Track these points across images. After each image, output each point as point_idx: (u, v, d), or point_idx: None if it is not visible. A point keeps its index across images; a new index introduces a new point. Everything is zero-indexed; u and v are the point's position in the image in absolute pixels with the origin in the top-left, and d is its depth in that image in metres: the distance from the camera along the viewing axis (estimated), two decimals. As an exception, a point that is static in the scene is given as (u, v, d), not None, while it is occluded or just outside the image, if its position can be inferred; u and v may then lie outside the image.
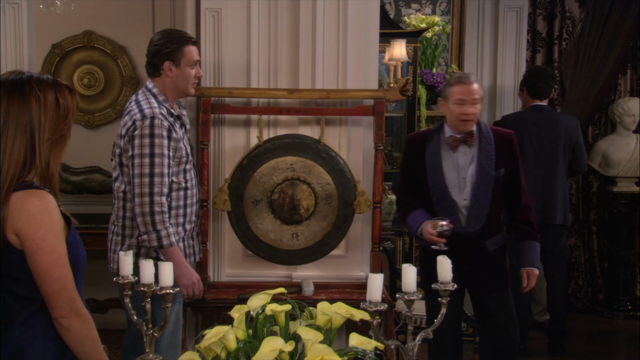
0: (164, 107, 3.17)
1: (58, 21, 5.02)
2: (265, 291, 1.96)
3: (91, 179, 5.28)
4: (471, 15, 6.05)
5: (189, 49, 3.22)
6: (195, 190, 3.34)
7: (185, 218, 3.26)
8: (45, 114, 2.00)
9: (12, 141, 1.97)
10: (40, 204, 1.96)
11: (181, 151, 3.20)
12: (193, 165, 3.33)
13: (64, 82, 2.11)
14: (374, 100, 3.74)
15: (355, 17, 3.81)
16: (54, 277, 1.95)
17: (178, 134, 3.18)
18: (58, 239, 1.97)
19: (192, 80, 3.27)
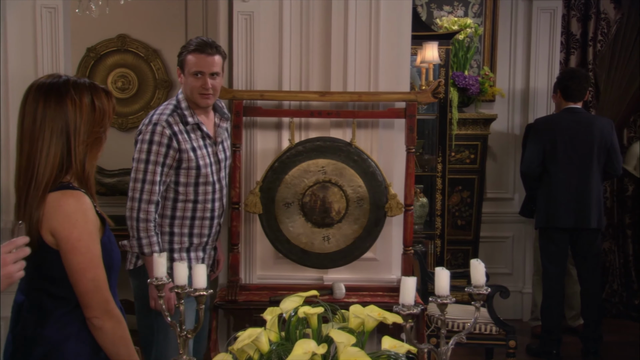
0: (176, 115, 3.16)
1: (93, 25, 5.09)
2: (297, 294, 1.96)
3: (124, 181, 5.33)
4: (504, 17, 6.00)
5: (188, 57, 3.19)
6: (213, 205, 3.31)
7: (193, 230, 3.25)
8: (81, 117, 2.02)
9: (49, 143, 2.00)
10: (76, 204, 1.98)
11: (190, 162, 3.16)
12: (217, 179, 3.29)
13: (101, 85, 2.13)
14: (406, 102, 3.73)
15: (388, 19, 3.80)
16: (87, 277, 1.97)
17: (187, 144, 3.15)
18: (92, 240, 1.99)
19: (196, 91, 3.20)
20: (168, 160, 3.10)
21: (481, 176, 5.90)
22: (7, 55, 3.75)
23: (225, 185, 3.43)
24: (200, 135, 3.21)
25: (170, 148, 3.10)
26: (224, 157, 3.35)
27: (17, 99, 3.75)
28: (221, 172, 3.32)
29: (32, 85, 2.06)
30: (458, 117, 5.61)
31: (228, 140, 3.46)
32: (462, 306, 4.52)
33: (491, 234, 6.11)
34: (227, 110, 3.47)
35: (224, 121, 3.35)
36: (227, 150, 3.41)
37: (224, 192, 3.41)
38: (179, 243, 3.22)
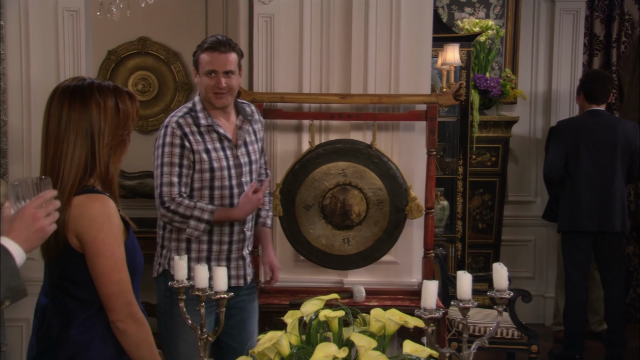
0: (189, 117, 3.08)
1: (114, 28, 5.12)
2: (318, 297, 1.96)
3: (145, 184, 5.36)
4: (526, 18, 5.97)
5: (202, 56, 3.08)
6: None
7: (211, 237, 3.12)
8: (105, 119, 2.03)
9: (73, 146, 2.01)
10: (101, 208, 2.00)
11: (202, 164, 3.06)
12: (236, 184, 3.13)
13: (125, 88, 2.15)
14: (427, 105, 3.72)
15: (408, 21, 3.80)
16: (112, 280, 1.99)
17: (200, 146, 3.05)
18: (117, 243, 2.00)
19: (210, 90, 3.08)
20: (185, 161, 3.03)
21: (502, 179, 5.87)
22: (29, 58, 3.79)
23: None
24: (217, 138, 3.10)
25: (184, 148, 3.03)
26: (247, 161, 3.17)
27: (40, 102, 3.80)
28: (243, 177, 3.15)
29: (57, 88, 2.08)
30: (479, 120, 5.59)
31: (257, 143, 3.27)
32: (483, 310, 4.49)
33: (513, 237, 6.08)
34: (254, 112, 3.30)
35: (247, 123, 3.20)
36: (253, 153, 3.22)
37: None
38: (196, 251, 3.12)
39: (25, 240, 1.76)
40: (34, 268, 2.67)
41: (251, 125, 3.23)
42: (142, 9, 4.19)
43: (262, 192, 3.12)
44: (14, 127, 3.86)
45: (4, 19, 3.79)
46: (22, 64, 3.80)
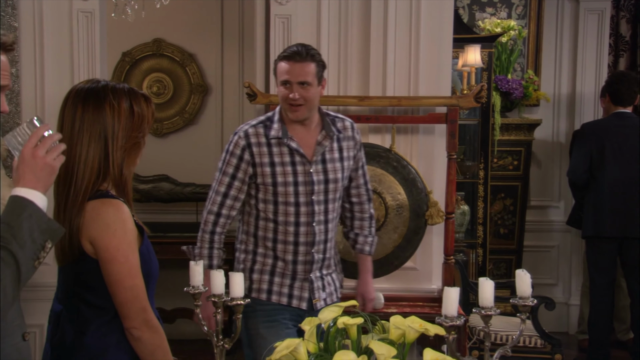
0: (261, 126, 3.00)
1: (128, 29, 5.16)
2: (336, 304, 1.96)
3: (159, 188, 5.39)
4: (549, 18, 5.94)
5: (278, 65, 2.97)
6: (297, 228, 3.00)
7: (275, 252, 3.03)
8: (119, 122, 2.04)
9: (87, 149, 2.02)
10: (115, 214, 2.00)
11: (265, 177, 2.96)
12: (304, 202, 2.98)
13: (141, 90, 2.15)
14: (447, 107, 3.71)
15: (428, 21, 3.80)
16: (126, 287, 1.99)
17: (265, 158, 2.96)
18: (131, 249, 2.01)
19: (284, 101, 2.96)
20: (239, 174, 2.97)
21: (525, 183, 5.84)
22: (43, 60, 3.82)
23: (329, 210, 3.06)
24: (288, 151, 2.98)
25: (241, 160, 2.97)
26: (322, 179, 3.01)
27: (54, 105, 3.83)
28: (314, 196, 2.99)
29: (71, 90, 2.09)
30: (501, 122, 5.56)
31: (343, 162, 3.08)
32: (505, 318, 4.47)
33: (535, 243, 6.04)
34: (347, 129, 3.11)
35: (328, 139, 3.03)
36: (332, 172, 3.04)
37: (318, 217, 3.03)
38: (261, 264, 3.04)
39: (36, 181, 1.77)
40: (48, 273, 2.69)
41: (337, 142, 3.07)
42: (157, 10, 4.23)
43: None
44: (28, 130, 3.88)
45: (18, 20, 3.82)
46: (36, 67, 3.83)
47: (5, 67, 1.84)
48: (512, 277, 5.06)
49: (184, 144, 5.66)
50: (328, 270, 3.13)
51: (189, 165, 5.56)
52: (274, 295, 3.03)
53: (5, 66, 1.84)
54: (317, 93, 2.99)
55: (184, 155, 5.61)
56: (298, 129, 3.01)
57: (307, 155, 3.00)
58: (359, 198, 3.23)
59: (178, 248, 5.04)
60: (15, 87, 3.82)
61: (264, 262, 3.05)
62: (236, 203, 3.02)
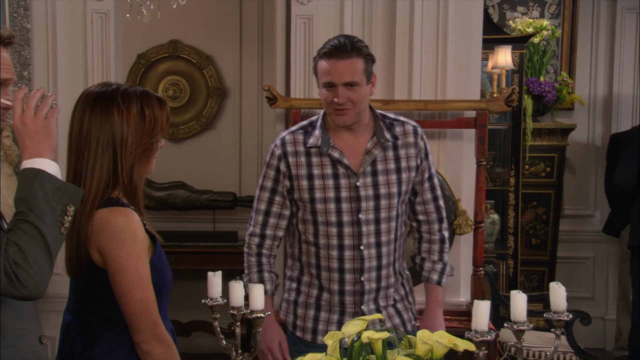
0: (301, 133, 2.73)
1: (144, 30, 5.20)
2: (360, 317, 1.96)
3: (175, 195, 5.41)
4: (584, 17, 5.91)
5: (319, 64, 2.65)
6: (341, 253, 2.69)
7: (320, 281, 2.74)
8: (128, 126, 2.04)
9: (94, 155, 2.02)
10: (125, 222, 2.00)
11: (301, 192, 2.68)
12: (349, 221, 2.67)
13: (155, 93, 2.15)
14: (476, 111, 3.70)
15: (456, 21, 3.79)
16: (135, 299, 1.99)
17: (301, 169, 2.69)
18: (141, 260, 2.01)
19: (328, 105, 2.64)
20: (279, 187, 2.71)
21: (558, 191, 5.81)
22: (56, 62, 3.86)
23: (381, 231, 2.71)
24: (330, 162, 2.68)
25: (278, 172, 2.71)
26: (371, 195, 2.68)
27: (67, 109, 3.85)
28: (362, 214, 2.67)
29: (82, 94, 2.11)
30: (533, 127, 5.54)
31: (402, 173, 2.73)
32: (537, 333, 4.44)
33: (569, 254, 6.00)
34: (408, 134, 2.76)
35: (378, 147, 2.70)
36: (384, 186, 2.70)
37: (367, 239, 2.69)
38: (305, 295, 2.78)
39: (37, 147, 1.80)
40: (59, 284, 2.71)
41: (393, 150, 2.73)
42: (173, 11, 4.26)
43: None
44: (40, 135, 3.92)
45: (30, 22, 3.87)
46: (49, 69, 3.87)
47: (6, 60, 1.86)
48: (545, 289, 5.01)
49: (201, 150, 5.68)
50: (387, 302, 2.77)
51: (205, 172, 5.58)
52: (320, 336, 2.72)
53: (6, 60, 1.86)
54: (367, 93, 2.66)
55: (200, 162, 5.63)
56: (344, 136, 2.71)
57: (353, 167, 2.68)
58: (426, 216, 2.85)
59: (194, 258, 5.14)
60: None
61: (309, 293, 2.77)
62: (281, 221, 2.77)
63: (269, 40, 5.20)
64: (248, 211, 5.48)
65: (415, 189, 2.80)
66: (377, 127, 2.72)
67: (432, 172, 2.82)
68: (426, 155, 2.79)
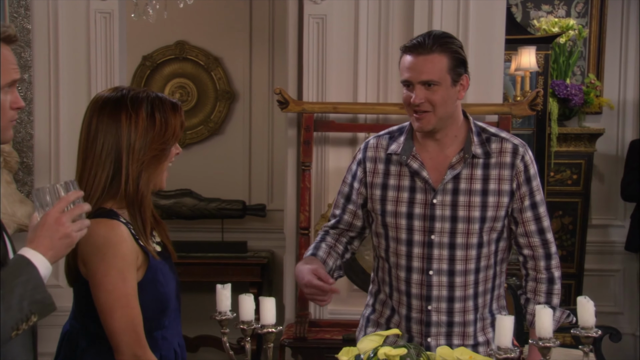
0: (386, 138, 2.60)
1: (149, 31, 5.23)
2: (376, 332, 1.96)
3: (182, 203, 5.43)
4: (613, 16, 5.89)
5: (402, 59, 2.49)
6: (409, 275, 2.52)
7: (392, 302, 2.59)
8: (136, 131, 2.04)
9: (98, 161, 2.03)
10: (107, 236, 1.98)
11: (373, 203, 2.57)
12: (421, 241, 2.50)
13: (170, 98, 2.14)
14: (499, 116, 3.70)
15: (477, 21, 3.79)
16: (114, 317, 1.97)
17: (377, 178, 2.56)
18: (121, 277, 1.98)
19: (407, 107, 2.49)
20: (353, 195, 2.61)
21: (585, 199, 5.78)
22: (58, 63, 3.89)
23: (456, 258, 2.50)
24: (409, 173, 2.52)
25: (355, 177, 2.61)
26: (448, 216, 2.49)
27: (69, 113, 3.90)
28: (434, 235, 2.48)
29: (93, 98, 2.11)
30: (558, 132, 5.53)
31: (493, 196, 2.49)
32: (565, 350, 4.42)
33: (598, 266, 5.97)
34: (505, 152, 2.52)
35: (462, 162, 2.49)
36: (465, 208, 2.49)
37: (439, 265, 2.50)
38: (378, 314, 2.63)
39: (50, 248, 1.78)
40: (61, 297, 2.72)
41: (483, 169, 2.51)
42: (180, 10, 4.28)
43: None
44: (41, 141, 3.95)
45: (31, 22, 3.90)
46: (50, 71, 3.90)
47: (12, 59, 1.88)
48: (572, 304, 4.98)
49: (209, 156, 5.70)
50: (464, 342, 2.53)
51: (214, 179, 5.59)
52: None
53: (12, 59, 1.88)
54: (452, 96, 2.46)
55: (208, 168, 5.65)
56: (429, 146, 2.52)
57: (433, 181, 2.49)
58: (531, 251, 2.58)
59: (202, 269, 5.14)
60: (28, 94, 3.88)
61: (382, 312, 2.62)
62: (352, 230, 2.66)
63: (280, 41, 5.22)
64: (258, 220, 5.57)
65: (516, 218, 2.55)
66: (468, 140, 2.51)
67: (536, 199, 2.55)
68: (528, 179, 2.52)
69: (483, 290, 2.56)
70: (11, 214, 3.72)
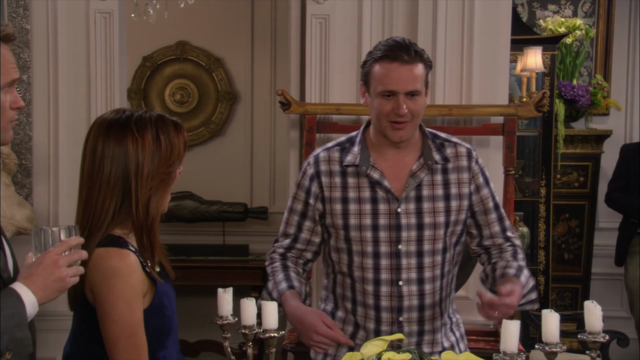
0: (337, 150, 2.57)
1: (150, 31, 5.23)
2: (380, 337, 1.96)
3: (182, 206, 5.43)
4: (620, 16, 5.90)
5: (375, 69, 2.44)
6: (377, 289, 2.51)
7: (356, 318, 2.57)
8: (143, 155, 2.02)
9: (106, 188, 2.02)
10: (117, 265, 1.99)
11: (334, 218, 2.53)
12: (387, 252, 2.49)
13: (172, 117, 2.13)
14: (504, 117, 3.70)
15: (483, 21, 3.79)
16: (119, 347, 1.98)
17: (335, 192, 2.53)
18: (129, 307, 1.99)
19: (384, 117, 2.44)
20: (309, 211, 2.57)
21: (592, 202, 5.79)
22: (57, 64, 3.89)
23: (424, 265, 2.52)
24: (368, 184, 2.52)
25: (309, 193, 2.56)
26: (413, 224, 2.49)
27: (68, 114, 3.90)
28: (401, 245, 2.49)
29: (95, 121, 2.09)
30: (565, 134, 5.53)
31: (453, 201, 2.53)
32: (571, 355, 4.41)
33: (605, 270, 5.97)
34: (460, 156, 2.57)
35: (425, 169, 2.51)
36: (429, 214, 2.50)
37: (407, 274, 2.51)
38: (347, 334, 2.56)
39: (43, 288, 1.80)
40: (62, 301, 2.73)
41: (442, 174, 2.54)
42: (180, 10, 4.29)
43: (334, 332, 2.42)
44: (40, 143, 3.95)
45: (30, 22, 3.90)
46: (49, 72, 3.90)
47: (11, 58, 1.89)
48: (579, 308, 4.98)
49: (210, 158, 5.70)
50: (433, 349, 2.56)
51: (215, 181, 5.60)
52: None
53: (11, 58, 1.89)
54: (425, 105, 2.50)
55: (209, 170, 5.65)
56: (387, 154, 2.53)
57: (395, 190, 2.49)
58: (500, 253, 2.62)
59: (203, 273, 5.14)
60: (26, 96, 3.89)
61: (343, 330, 2.56)
62: (310, 247, 2.63)
63: (282, 42, 5.22)
64: (260, 223, 5.57)
65: (479, 222, 2.60)
66: (425, 146, 2.54)
67: (496, 201, 2.61)
68: (486, 182, 2.59)
69: (446, 295, 2.60)
70: (10, 216, 3.73)
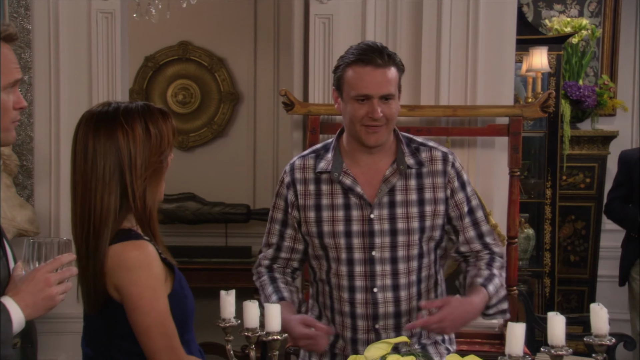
0: (312, 157, 2.58)
1: (152, 31, 5.24)
2: (384, 340, 1.96)
3: (185, 207, 5.43)
4: (627, 16, 5.89)
5: (348, 73, 2.45)
6: (352, 296, 2.51)
7: (335, 325, 2.56)
8: (135, 148, 2.03)
9: (102, 184, 2.02)
10: (139, 257, 2.00)
11: (308, 226, 2.54)
12: (362, 259, 2.49)
13: (157, 106, 2.14)
14: (509, 118, 3.70)
15: (488, 20, 3.79)
16: (153, 337, 2.00)
17: (309, 200, 2.53)
18: (156, 296, 2.01)
19: (358, 122, 2.44)
20: (289, 219, 2.57)
21: (599, 204, 5.78)
22: (59, 64, 3.90)
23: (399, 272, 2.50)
24: (341, 190, 2.51)
25: (287, 202, 2.57)
26: (387, 230, 2.49)
27: (70, 115, 3.90)
28: (375, 251, 2.48)
29: (82, 117, 2.09)
30: (571, 135, 5.53)
31: (428, 205, 2.51)
32: (577, 358, 4.41)
33: (611, 272, 5.93)
34: (435, 160, 2.56)
35: (398, 174, 2.50)
36: (403, 220, 2.50)
37: (382, 281, 2.50)
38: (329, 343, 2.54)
39: (31, 305, 1.81)
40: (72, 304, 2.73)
41: (416, 179, 2.53)
42: (183, 10, 4.29)
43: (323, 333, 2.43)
44: (41, 144, 3.96)
45: (31, 22, 3.91)
46: (50, 72, 3.91)
47: (13, 58, 1.89)
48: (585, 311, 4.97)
49: (212, 159, 5.71)
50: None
51: (217, 183, 5.60)
52: None
53: (13, 58, 1.90)
54: (398, 109, 2.51)
55: (212, 171, 5.65)
56: (361, 160, 2.53)
57: (367, 196, 2.49)
58: (476, 260, 2.59)
59: (205, 275, 5.14)
60: (27, 96, 3.89)
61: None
62: (295, 255, 2.63)
63: (285, 42, 5.23)
64: (263, 225, 5.50)
65: (455, 227, 2.57)
66: (399, 151, 2.53)
67: (472, 205, 2.57)
68: (462, 186, 2.56)
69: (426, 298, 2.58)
70: (11, 218, 3.73)
